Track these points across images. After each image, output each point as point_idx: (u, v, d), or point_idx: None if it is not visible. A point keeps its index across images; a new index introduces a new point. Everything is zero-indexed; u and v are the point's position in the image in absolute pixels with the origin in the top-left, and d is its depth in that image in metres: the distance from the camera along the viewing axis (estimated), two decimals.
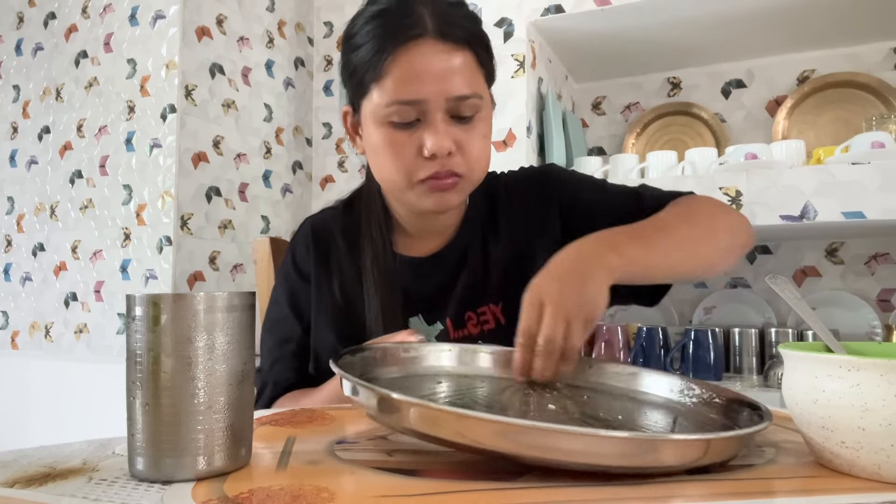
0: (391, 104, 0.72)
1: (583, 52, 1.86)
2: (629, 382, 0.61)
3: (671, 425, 0.53)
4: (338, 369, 0.48)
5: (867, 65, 1.75)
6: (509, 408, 0.53)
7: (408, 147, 0.74)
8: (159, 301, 0.39)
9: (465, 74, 0.73)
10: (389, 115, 0.73)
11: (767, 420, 0.44)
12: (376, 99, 0.73)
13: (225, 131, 1.89)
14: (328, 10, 2.28)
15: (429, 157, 0.73)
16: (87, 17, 1.93)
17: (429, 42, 0.71)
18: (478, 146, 0.76)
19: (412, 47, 0.71)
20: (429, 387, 0.57)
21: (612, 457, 0.38)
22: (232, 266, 1.90)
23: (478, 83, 0.75)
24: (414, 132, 0.73)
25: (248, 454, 0.42)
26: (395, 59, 0.71)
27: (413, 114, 0.72)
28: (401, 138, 0.74)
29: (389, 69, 0.71)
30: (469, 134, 0.75)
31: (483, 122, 0.77)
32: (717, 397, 0.55)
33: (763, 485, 0.39)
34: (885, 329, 1.61)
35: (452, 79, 0.72)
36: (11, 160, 2.06)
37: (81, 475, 0.40)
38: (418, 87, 0.71)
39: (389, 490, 0.37)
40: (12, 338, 1.99)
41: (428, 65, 0.71)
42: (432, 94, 0.71)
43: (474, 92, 0.74)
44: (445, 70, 0.71)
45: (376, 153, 0.77)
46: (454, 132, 0.74)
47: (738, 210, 1.39)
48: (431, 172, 0.74)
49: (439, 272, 0.85)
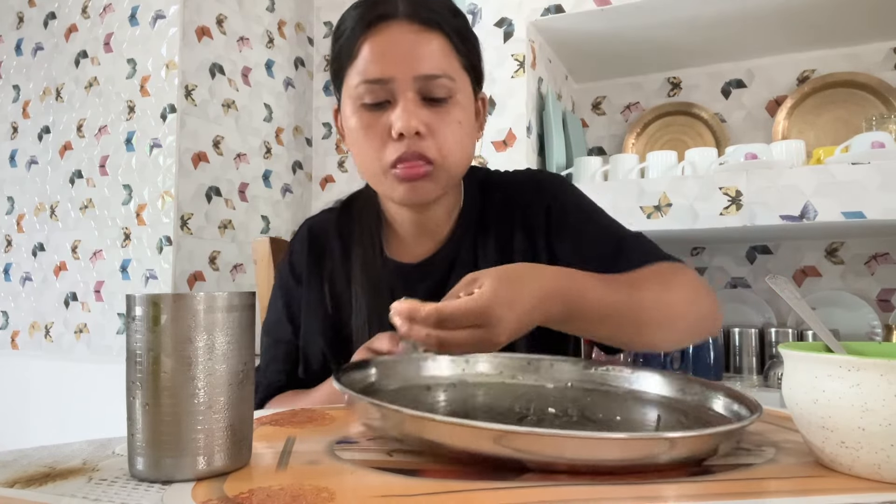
0: (360, 84, 0.72)
1: (583, 52, 1.86)
2: (631, 383, 0.62)
3: (670, 423, 0.53)
4: (339, 386, 0.48)
5: (867, 65, 1.75)
6: (509, 412, 0.53)
7: (377, 128, 0.73)
8: (159, 301, 0.39)
9: (436, 55, 0.72)
10: (361, 95, 0.73)
11: (758, 413, 0.45)
12: (350, 82, 0.74)
13: (225, 131, 1.89)
14: (328, 10, 2.28)
15: (397, 138, 0.72)
16: (87, 17, 1.93)
17: (398, 22, 0.72)
18: (451, 131, 0.74)
19: (382, 28, 0.72)
20: (430, 396, 0.57)
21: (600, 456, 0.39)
22: (232, 266, 1.90)
23: (450, 66, 0.74)
24: (384, 113, 0.73)
25: (248, 454, 0.42)
26: (365, 39, 0.72)
27: (383, 94, 0.72)
28: (371, 120, 0.73)
29: (360, 50, 0.72)
30: (441, 118, 0.73)
31: (459, 108, 0.75)
32: (716, 394, 0.55)
33: (763, 485, 0.39)
34: (885, 329, 1.61)
35: (420, 58, 0.71)
36: (11, 160, 2.06)
37: (81, 475, 0.40)
38: (385, 65, 0.71)
39: (389, 490, 0.37)
40: (12, 338, 1.99)
41: (396, 44, 0.71)
42: (399, 72, 0.71)
43: (444, 72, 0.72)
44: (413, 49, 0.71)
45: (353, 141, 0.77)
46: (424, 114, 0.72)
47: (739, 209, 1.39)
48: (399, 153, 0.72)
49: (428, 278, 0.83)
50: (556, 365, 0.65)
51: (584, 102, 2.11)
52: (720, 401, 0.54)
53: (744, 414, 0.48)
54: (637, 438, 0.40)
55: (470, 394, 0.58)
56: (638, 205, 1.48)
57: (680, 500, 0.37)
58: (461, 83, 0.75)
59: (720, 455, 0.43)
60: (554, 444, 0.39)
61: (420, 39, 0.72)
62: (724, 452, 0.44)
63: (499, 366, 0.65)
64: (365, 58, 0.72)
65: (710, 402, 0.55)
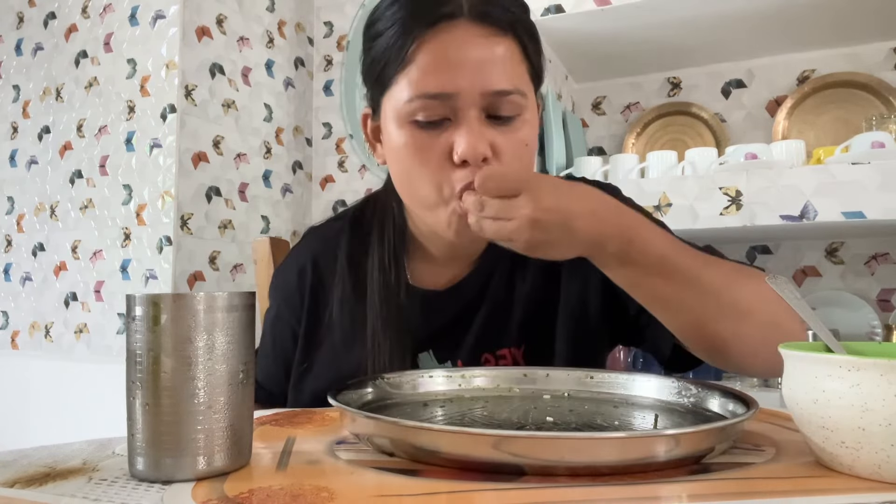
0: (415, 98, 0.61)
1: (583, 52, 1.86)
2: (627, 389, 0.62)
3: (667, 424, 0.53)
4: (336, 403, 0.48)
5: (867, 65, 1.75)
6: (507, 423, 0.53)
7: (434, 151, 0.61)
8: (159, 301, 0.39)
9: (507, 66, 0.61)
10: (413, 111, 0.61)
11: (754, 409, 0.46)
12: (399, 93, 0.62)
13: (225, 131, 1.89)
14: (328, 10, 2.28)
15: (459, 163, 0.61)
16: (87, 17, 1.93)
17: (464, 24, 0.60)
18: (519, 154, 0.63)
19: (443, 30, 0.60)
20: (428, 412, 0.57)
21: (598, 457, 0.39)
22: (232, 266, 1.90)
23: (521, 78, 0.63)
24: (442, 133, 0.62)
25: (248, 454, 0.42)
26: (422, 44, 0.60)
27: (442, 111, 0.61)
28: (426, 140, 0.62)
29: (415, 56, 0.60)
30: (508, 139, 0.62)
31: (527, 127, 0.64)
32: (712, 394, 0.56)
33: (763, 485, 0.39)
34: (885, 329, 1.61)
35: (491, 70, 0.60)
36: (11, 160, 2.06)
37: (81, 475, 0.40)
38: (449, 77, 0.59)
39: (389, 490, 0.37)
40: (12, 338, 1.99)
41: (462, 51, 0.59)
42: (466, 86, 0.59)
43: (516, 87, 0.62)
44: (483, 59, 0.60)
45: (398, 160, 0.65)
46: (491, 135, 0.61)
47: (739, 209, 1.39)
48: (463, 184, 0.61)
49: (456, 305, 0.73)
50: (552, 375, 0.65)
51: (584, 102, 2.11)
52: (717, 400, 0.55)
53: (740, 412, 0.48)
54: (634, 437, 0.41)
55: (468, 408, 0.58)
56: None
57: (680, 500, 0.37)
58: (530, 96, 0.65)
59: (718, 452, 0.44)
60: (552, 447, 0.39)
61: (490, 45, 0.60)
62: (722, 450, 0.44)
63: (495, 379, 0.65)
64: (422, 66, 0.60)
65: (706, 403, 0.55)
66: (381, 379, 0.61)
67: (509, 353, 0.73)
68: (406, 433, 0.42)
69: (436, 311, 0.73)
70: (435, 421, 0.54)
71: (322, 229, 0.84)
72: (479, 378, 0.65)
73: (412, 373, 0.64)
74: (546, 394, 0.63)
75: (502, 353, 0.73)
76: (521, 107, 0.63)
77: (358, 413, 0.45)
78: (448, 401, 0.61)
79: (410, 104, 0.61)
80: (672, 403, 0.58)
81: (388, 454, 0.44)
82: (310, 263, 0.79)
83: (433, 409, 0.58)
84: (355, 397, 0.57)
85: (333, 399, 0.49)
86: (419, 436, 0.42)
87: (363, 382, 0.60)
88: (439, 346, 0.73)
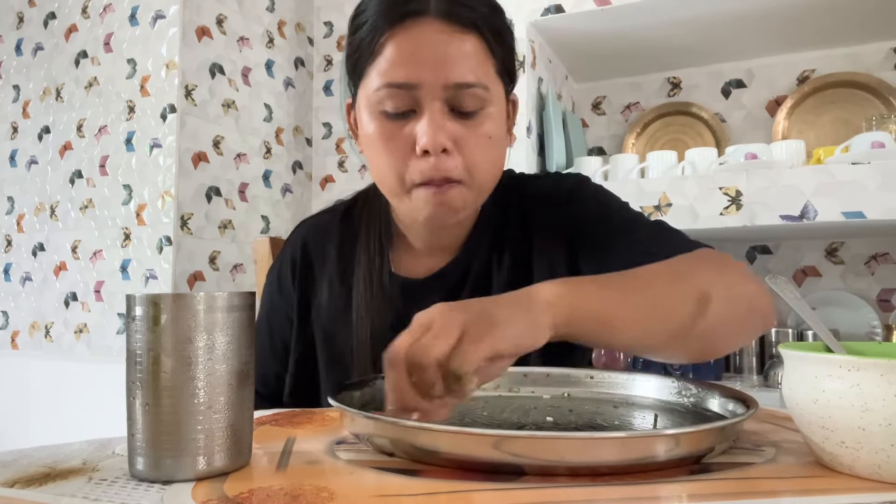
0: (382, 87, 0.64)
1: (583, 52, 1.86)
2: (627, 389, 0.62)
3: (667, 424, 0.53)
4: (336, 404, 0.48)
5: (867, 65, 1.75)
6: (507, 423, 0.53)
7: (399, 141, 0.65)
8: (159, 301, 0.39)
9: (470, 61, 0.64)
10: (381, 100, 0.65)
11: (753, 409, 0.46)
12: (370, 84, 0.66)
13: (225, 131, 1.89)
14: (328, 10, 2.28)
15: (421, 154, 0.64)
16: (87, 17, 1.93)
17: (429, 21, 0.63)
18: (481, 147, 0.66)
19: (411, 26, 0.63)
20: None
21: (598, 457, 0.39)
22: (232, 266, 1.90)
23: (485, 74, 0.66)
24: (407, 124, 0.65)
25: (248, 454, 0.42)
26: (390, 37, 0.64)
27: (407, 101, 0.64)
28: (392, 130, 0.65)
29: (384, 49, 0.64)
30: (471, 131, 0.66)
31: (490, 121, 0.67)
32: (712, 393, 0.56)
33: (763, 484, 0.39)
34: (885, 329, 1.61)
35: (453, 63, 0.63)
36: (11, 160, 2.06)
37: (81, 475, 0.40)
38: (412, 69, 0.63)
39: (389, 490, 0.37)
40: (12, 338, 1.99)
41: (426, 46, 0.63)
42: (429, 78, 0.63)
43: (478, 81, 0.65)
44: (446, 53, 0.63)
45: (369, 148, 0.69)
46: (452, 127, 0.65)
47: (739, 209, 1.39)
48: (425, 177, 0.65)
49: (436, 295, 0.73)
50: (552, 375, 0.65)
51: (584, 102, 2.11)
52: (716, 400, 0.55)
53: (740, 411, 0.48)
54: (633, 437, 0.41)
55: (467, 409, 0.58)
56: (638, 205, 1.48)
57: (680, 500, 0.37)
58: (494, 91, 0.68)
59: (718, 452, 0.44)
60: (552, 447, 0.39)
61: (453, 41, 0.63)
62: (722, 450, 0.44)
63: (496, 380, 0.64)
64: (388, 58, 0.64)
65: (706, 403, 0.55)
66: (381, 379, 0.61)
67: None
68: (406, 433, 0.42)
69: (417, 299, 0.72)
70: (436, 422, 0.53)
71: (314, 219, 0.87)
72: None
73: None
74: (546, 394, 0.63)
75: None
76: (483, 100, 0.66)
77: (358, 413, 0.45)
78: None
79: (378, 93, 0.65)
80: (672, 403, 0.58)
81: (388, 454, 0.44)
82: (300, 250, 0.83)
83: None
84: (355, 397, 0.57)
85: (333, 399, 0.49)
86: (419, 436, 0.42)
87: (363, 383, 0.60)
88: None
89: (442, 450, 0.41)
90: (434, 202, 0.66)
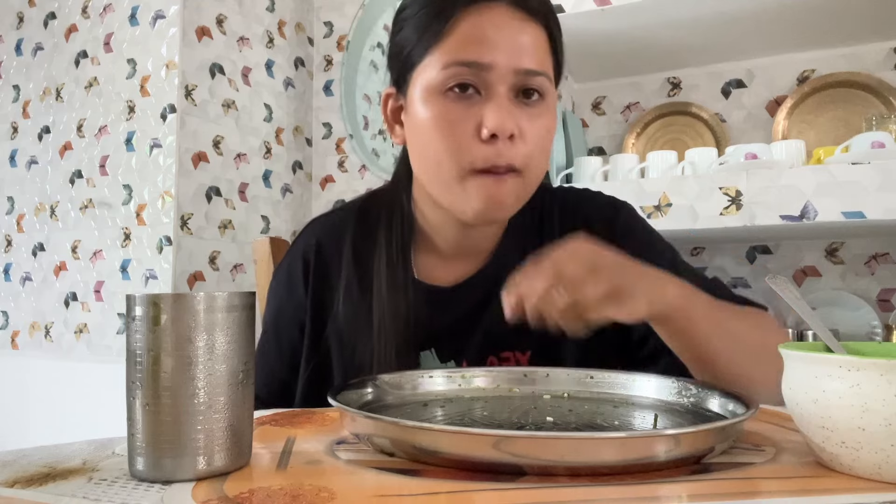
0: (451, 65, 0.63)
1: (583, 52, 1.86)
2: (628, 389, 0.62)
3: (667, 424, 0.53)
4: (336, 403, 0.48)
5: (867, 65, 1.75)
6: (507, 423, 0.53)
7: (463, 124, 0.63)
8: (159, 301, 0.39)
9: (539, 50, 0.65)
10: (447, 79, 0.63)
11: (753, 410, 0.46)
12: (432, 65, 0.64)
13: (225, 131, 1.89)
14: (328, 10, 2.28)
15: (487, 139, 0.62)
16: (87, 17, 1.93)
17: (502, 6, 0.63)
18: (541, 138, 0.66)
19: (483, 9, 0.63)
20: (428, 412, 0.57)
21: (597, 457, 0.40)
22: (232, 266, 1.90)
23: (548, 65, 0.67)
24: (472, 107, 0.63)
25: (248, 454, 0.42)
26: (461, 18, 0.63)
27: (475, 81, 0.63)
28: (456, 112, 0.63)
29: (454, 29, 0.63)
30: (533, 123, 0.64)
31: (549, 114, 0.67)
32: (712, 393, 0.56)
33: (763, 484, 0.39)
34: (885, 329, 1.61)
35: (525, 49, 0.63)
36: (11, 160, 2.06)
37: (81, 475, 0.40)
38: (486, 49, 0.62)
39: (389, 490, 0.37)
40: (12, 338, 1.99)
41: (499, 29, 0.62)
42: (501, 61, 0.62)
43: (544, 70, 0.65)
44: (518, 39, 0.63)
45: (424, 134, 0.66)
46: (518, 115, 0.63)
47: (739, 209, 1.39)
48: (489, 163, 0.63)
49: (463, 303, 0.73)
50: (552, 375, 0.65)
51: (584, 102, 2.11)
52: (716, 400, 0.55)
53: (740, 412, 0.48)
54: (634, 437, 0.41)
55: (468, 408, 0.58)
56: (638, 205, 1.48)
57: (680, 500, 0.37)
58: (552, 86, 0.68)
59: (718, 452, 0.44)
60: (552, 447, 0.39)
61: (525, 28, 0.63)
62: (722, 450, 0.44)
63: (496, 379, 0.65)
64: (461, 37, 0.62)
65: (706, 403, 0.55)
66: (380, 379, 0.61)
67: (514, 357, 0.72)
68: (406, 433, 0.42)
69: (441, 309, 0.73)
70: (435, 421, 0.54)
71: (327, 217, 0.83)
72: (479, 378, 0.65)
73: (412, 373, 0.64)
74: (546, 394, 0.63)
75: (506, 356, 0.72)
76: (546, 91, 0.65)
77: (358, 413, 0.45)
78: (448, 401, 0.61)
79: (445, 72, 0.63)
80: (672, 403, 0.58)
81: (389, 454, 0.44)
82: (313, 249, 0.79)
83: (433, 409, 0.58)
84: (355, 397, 0.57)
85: (333, 399, 0.49)
86: (419, 436, 0.42)
87: (363, 382, 0.60)
88: (442, 344, 0.72)
89: (442, 450, 0.41)
90: (488, 194, 0.64)
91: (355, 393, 0.58)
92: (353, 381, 0.59)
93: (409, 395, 0.62)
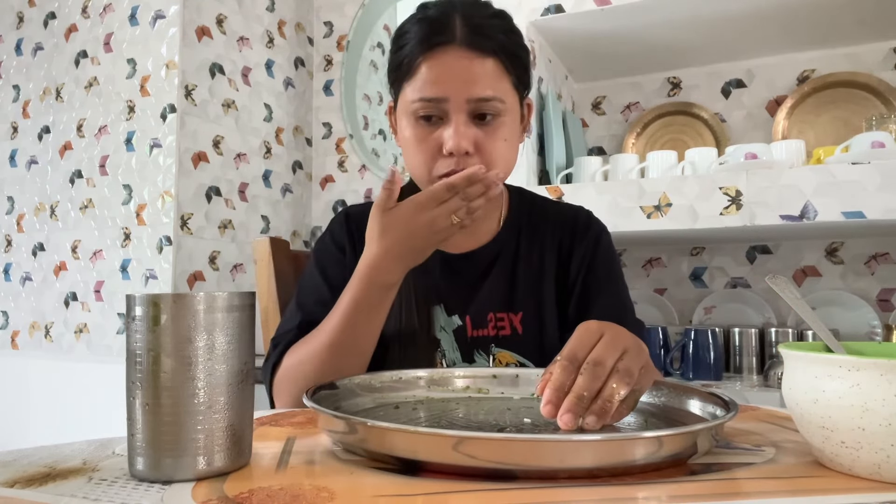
0: (417, 101, 0.79)
1: (583, 52, 1.86)
2: None
3: (640, 424, 0.53)
4: (311, 404, 0.48)
5: (867, 65, 1.75)
6: (485, 425, 0.53)
7: (430, 143, 0.79)
8: (159, 301, 0.39)
9: (489, 79, 0.79)
10: (416, 110, 0.79)
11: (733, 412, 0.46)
12: (407, 96, 0.81)
13: (225, 131, 1.89)
14: (328, 10, 2.28)
15: (447, 155, 0.78)
16: (87, 17, 1.93)
17: (455, 48, 0.78)
18: (497, 148, 0.80)
19: (441, 53, 0.78)
20: (403, 415, 0.57)
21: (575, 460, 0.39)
22: (232, 266, 1.90)
23: (501, 88, 0.80)
24: (437, 129, 0.79)
25: (248, 454, 0.42)
26: (423, 60, 0.79)
27: (436, 111, 0.79)
28: (425, 133, 0.80)
29: (419, 70, 0.79)
30: (489, 136, 0.79)
31: (505, 127, 0.81)
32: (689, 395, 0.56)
33: (763, 485, 0.39)
34: (885, 329, 1.61)
35: (474, 82, 0.78)
36: (11, 160, 2.06)
37: (81, 475, 0.40)
38: (441, 86, 0.78)
39: (389, 490, 0.37)
40: (12, 338, 1.99)
41: (451, 68, 0.78)
42: (453, 94, 0.77)
43: (495, 95, 0.79)
44: (468, 73, 0.78)
45: (406, 147, 0.84)
46: (474, 133, 0.79)
47: (739, 209, 1.39)
48: (448, 169, 0.78)
49: (469, 271, 0.89)
50: (521, 376, 0.67)
51: (584, 102, 2.11)
52: (695, 402, 0.55)
53: (719, 414, 0.48)
54: (611, 440, 0.40)
55: (441, 409, 0.58)
56: (638, 205, 1.48)
57: (679, 500, 0.37)
58: (510, 101, 0.81)
59: (701, 453, 0.43)
60: (541, 450, 0.39)
61: (474, 65, 0.78)
62: (704, 451, 0.44)
63: (464, 381, 0.67)
64: (422, 78, 0.79)
65: (684, 404, 0.56)
66: (351, 381, 0.62)
67: (507, 317, 0.87)
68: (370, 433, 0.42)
69: (451, 272, 0.89)
70: (418, 422, 0.54)
71: (356, 205, 0.98)
72: (457, 379, 0.66)
73: (381, 374, 0.65)
74: (516, 394, 0.64)
75: (501, 316, 0.88)
76: (500, 110, 0.80)
77: (323, 410, 0.45)
78: (419, 403, 0.62)
79: (414, 104, 0.80)
80: (646, 403, 0.57)
81: (356, 454, 0.44)
82: (346, 219, 0.93)
83: (406, 411, 0.58)
84: (332, 398, 0.57)
85: (308, 399, 0.49)
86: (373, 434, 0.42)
87: (333, 385, 0.60)
88: (450, 302, 0.88)
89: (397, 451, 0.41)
90: None
91: (331, 394, 0.58)
92: (329, 382, 0.60)
93: (380, 399, 0.62)
